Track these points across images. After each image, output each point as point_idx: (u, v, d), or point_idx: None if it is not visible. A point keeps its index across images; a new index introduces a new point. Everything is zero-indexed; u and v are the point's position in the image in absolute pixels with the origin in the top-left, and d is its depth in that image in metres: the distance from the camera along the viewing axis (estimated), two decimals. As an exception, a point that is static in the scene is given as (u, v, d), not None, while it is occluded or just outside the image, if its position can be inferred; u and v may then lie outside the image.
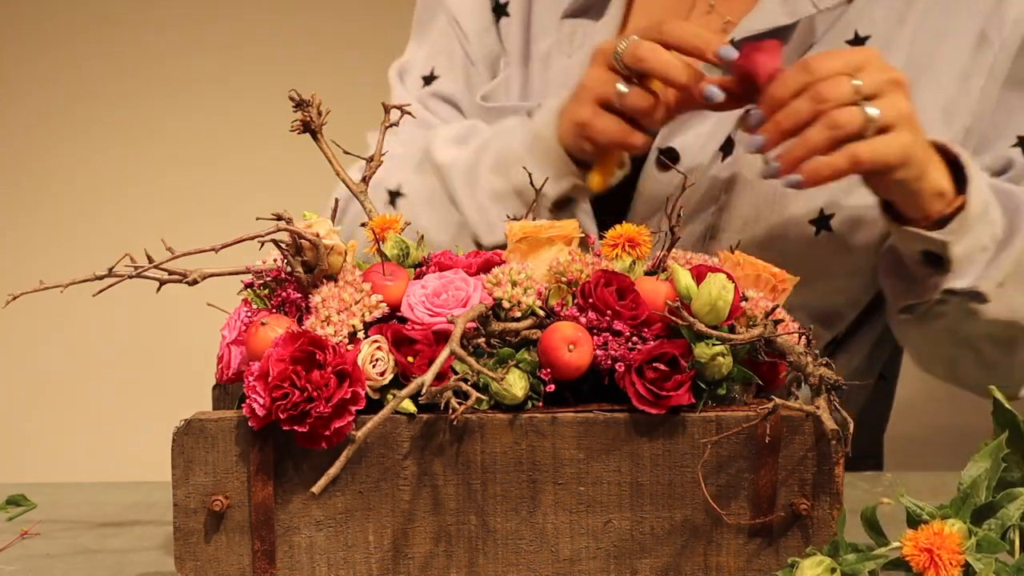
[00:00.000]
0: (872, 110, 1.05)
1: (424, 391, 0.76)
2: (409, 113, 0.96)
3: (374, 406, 0.80)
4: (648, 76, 1.10)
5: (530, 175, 1.02)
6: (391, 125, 0.97)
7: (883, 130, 1.05)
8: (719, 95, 1.08)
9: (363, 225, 0.93)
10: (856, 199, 1.19)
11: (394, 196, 1.30)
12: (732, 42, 1.20)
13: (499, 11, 1.35)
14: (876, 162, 1.05)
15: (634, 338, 0.83)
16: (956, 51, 1.21)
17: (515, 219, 0.92)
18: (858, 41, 1.22)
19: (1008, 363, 1.23)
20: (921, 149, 1.08)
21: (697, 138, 1.23)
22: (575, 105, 1.14)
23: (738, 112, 1.11)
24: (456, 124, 1.35)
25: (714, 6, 1.28)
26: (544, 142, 1.18)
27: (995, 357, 1.22)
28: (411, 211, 1.28)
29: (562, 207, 1.21)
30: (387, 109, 0.97)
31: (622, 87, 1.11)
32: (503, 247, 0.94)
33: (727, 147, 1.22)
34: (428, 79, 1.39)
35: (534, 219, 0.92)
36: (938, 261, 1.14)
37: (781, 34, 1.22)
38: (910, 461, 1.82)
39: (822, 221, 1.21)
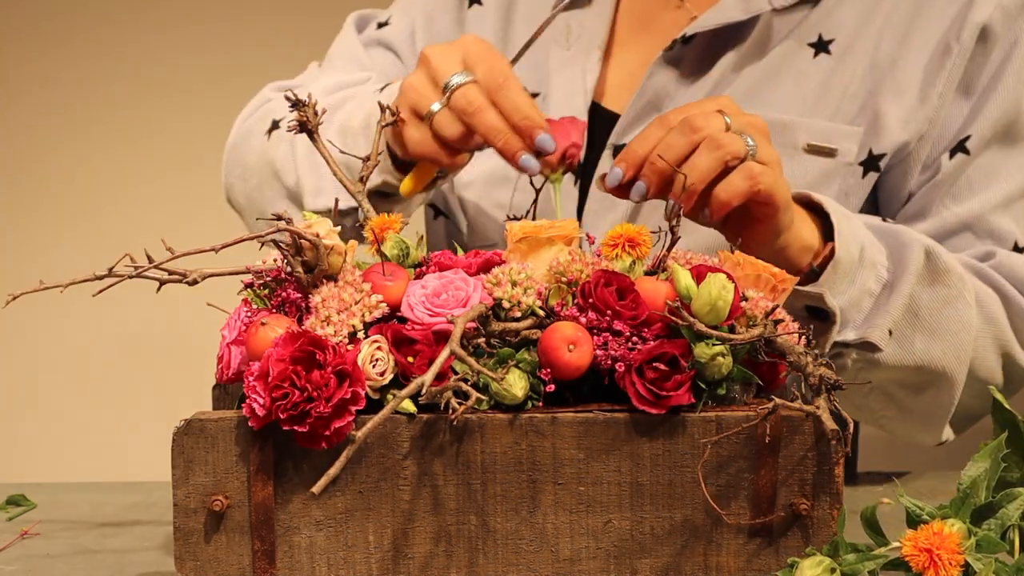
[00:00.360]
0: (750, 140, 0.99)
1: (424, 391, 0.76)
2: (402, 120, 0.95)
3: (374, 406, 0.80)
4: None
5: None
6: (387, 125, 0.97)
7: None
8: (535, 167, 1.02)
9: (362, 226, 0.93)
10: None
11: (274, 126, 1.26)
12: (684, 37, 1.20)
13: None
14: (769, 189, 0.98)
15: (634, 338, 0.83)
16: (919, 58, 1.20)
17: (515, 219, 0.92)
18: (822, 44, 1.21)
19: (927, 408, 1.18)
20: (790, 196, 1.03)
21: None
22: (395, 104, 1.06)
23: None
24: (348, 74, 1.30)
25: (683, 1, 1.27)
26: (372, 129, 1.10)
27: (911, 403, 1.18)
28: (276, 143, 1.25)
29: (382, 198, 1.14)
30: (383, 109, 0.97)
31: (435, 107, 1.03)
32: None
33: None
34: (381, 25, 1.36)
35: (534, 219, 0.92)
36: (824, 315, 1.09)
37: (738, 32, 1.21)
38: (882, 459, 1.82)
39: None
